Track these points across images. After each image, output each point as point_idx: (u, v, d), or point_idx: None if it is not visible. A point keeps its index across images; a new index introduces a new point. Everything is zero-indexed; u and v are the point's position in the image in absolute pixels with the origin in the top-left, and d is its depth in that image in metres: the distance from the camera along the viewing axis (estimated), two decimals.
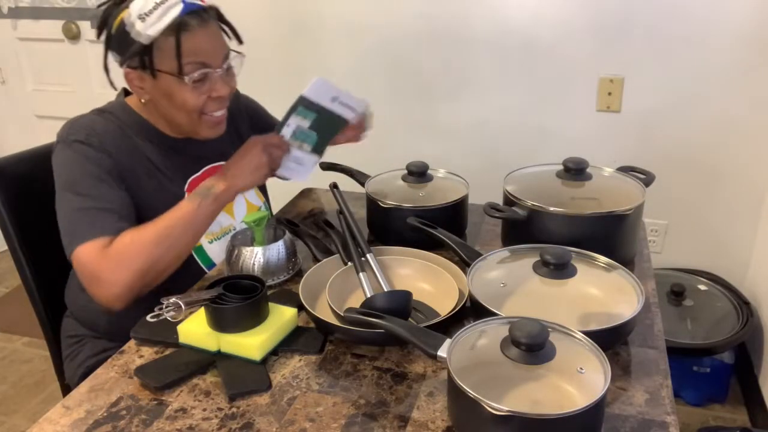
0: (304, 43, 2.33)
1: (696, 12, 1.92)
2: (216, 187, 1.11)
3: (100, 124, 1.16)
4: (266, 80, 1.43)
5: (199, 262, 1.24)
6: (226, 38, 1.17)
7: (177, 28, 1.07)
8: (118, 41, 1.10)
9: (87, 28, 2.64)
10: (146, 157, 1.19)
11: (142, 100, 1.18)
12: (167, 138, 1.22)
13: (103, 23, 1.12)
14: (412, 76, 2.27)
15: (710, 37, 1.94)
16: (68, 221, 1.09)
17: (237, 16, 1.21)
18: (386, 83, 2.30)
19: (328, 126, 1.23)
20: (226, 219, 1.28)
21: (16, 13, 2.75)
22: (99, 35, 1.14)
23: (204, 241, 1.24)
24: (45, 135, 1.15)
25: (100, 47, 1.15)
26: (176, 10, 1.06)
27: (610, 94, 2.08)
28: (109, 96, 1.28)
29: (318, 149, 1.27)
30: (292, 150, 1.22)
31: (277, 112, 1.50)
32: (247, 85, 1.41)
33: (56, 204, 1.11)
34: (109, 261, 1.04)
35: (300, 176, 1.27)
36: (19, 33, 2.80)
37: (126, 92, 1.25)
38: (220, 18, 1.16)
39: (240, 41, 1.19)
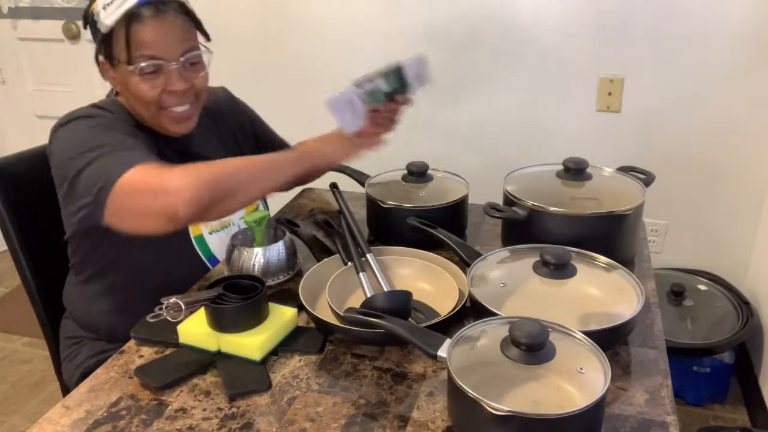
0: (301, 44, 2.33)
1: (696, 12, 1.92)
2: (304, 147, 1.17)
3: (99, 111, 1.15)
4: (256, 80, 1.43)
5: (200, 252, 1.24)
6: (197, 35, 1.16)
7: (129, 18, 1.06)
8: (92, 31, 1.13)
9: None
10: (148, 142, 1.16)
11: (116, 91, 1.19)
12: (155, 133, 1.20)
13: (85, 14, 1.14)
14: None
15: (710, 37, 1.94)
16: (96, 170, 1.00)
17: (227, 15, 1.21)
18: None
19: (395, 95, 1.22)
20: None
21: (16, 13, 2.75)
22: (85, 26, 1.16)
23: (204, 231, 1.24)
24: (45, 135, 1.15)
25: None
26: (133, 1, 1.06)
27: (610, 94, 2.08)
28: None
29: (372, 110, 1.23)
30: (357, 98, 1.17)
31: (267, 111, 1.51)
32: (238, 85, 1.41)
33: (72, 176, 1.03)
34: (173, 171, 0.96)
35: (349, 126, 1.19)
36: (19, 33, 2.79)
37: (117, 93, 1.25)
38: (185, 11, 1.13)
39: (207, 38, 1.18)
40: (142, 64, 1.08)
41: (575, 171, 1.21)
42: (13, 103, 2.95)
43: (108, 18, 1.07)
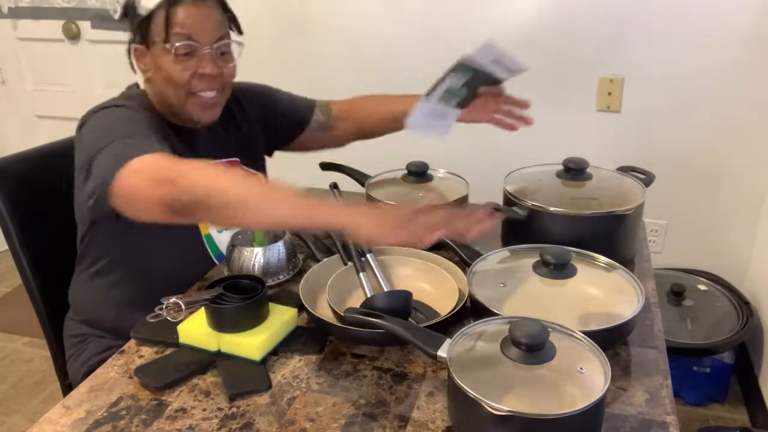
0: (301, 43, 2.33)
1: (696, 12, 1.92)
2: (327, 208, 0.90)
3: (128, 102, 1.17)
4: (262, 79, 1.42)
5: (209, 250, 1.25)
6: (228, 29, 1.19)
7: (170, 0, 1.11)
8: (129, 18, 1.16)
9: (87, 28, 2.64)
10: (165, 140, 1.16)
11: (144, 78, 1.20)
12: (176, 127, 1.22)
13: (125, 5, 1.17)
14: (412, 75, 2.26)
15: (710, 37, 1.94)
16: (116, 149, 0.99)
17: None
18: (386, 83, 2.29)
19: (480, 83, 1.19)
20: None
21: (16, 13, 2.75)
22: (123, 17, 1.19)
23: (213, 230, 1.25)
24: (45, 135, 1.15)
25: (100, 47, 1.17)
26: None
27: (610, 94, 2.08)
28: (110, 96, 1.27)
29: (464, 104, 1.21)
30: (435, 104, 1.15)
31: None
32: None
33: (91, 156, 1.02)
34: (181, 166, 0.93)
35: (441, 131, 1.18)
36: (19, 33, 2.79)
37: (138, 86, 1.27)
38: (222, 4, 1.18)
39: (239, 32, 1.22)
40: (178, 44, 1.12)
41: (575, 171, 1.21)
42: (13, 103, 2.95)
43: (150, 2, 1.11)
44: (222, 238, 1.26)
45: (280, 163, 1.57)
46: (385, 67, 2.28)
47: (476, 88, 1.18)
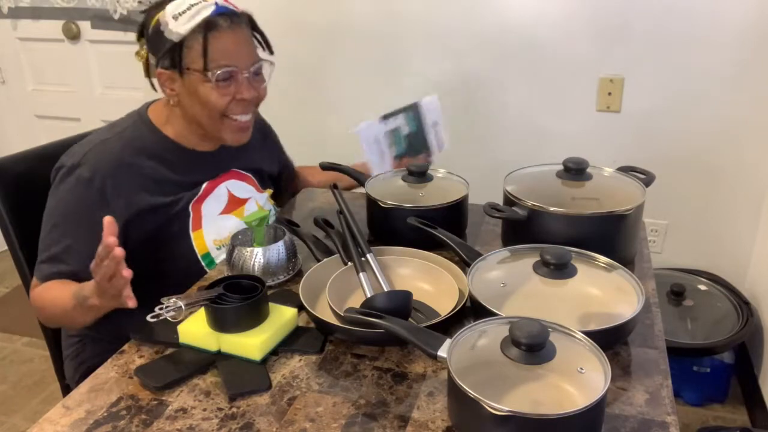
0: (303, 44, 2.33)
1: (696, 12, 1.92)
2: (90, 299, 1.03)
3: (106, 148, 1.18)
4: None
5: (207, 268, 1.24)
6: (258, 48, 1.21)
7: (206, 26, 1.11)
8: (154, 41, 1.15)
9: (87, 28, 2.64)
10: (146, 174, 1.19)
11: (171, 102, 1.20)
12: (187, 150, 1.24)
13: (142, 27, 1.17)
14: (411, 75, 2.27)
15: (710, 37, 1.94)
16: (39, 250, 1.17)
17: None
18: (386, 83, 2.30)
19: (413, 146, 1.29)
20: (235, 224, 1.27)
21: (16, 13, 2.75)
22: (139, 39, 1.20)
23: (212, 248, 1.25)
24: (45, 135, 1.16)
25: (100, 47, 1.18)
26: (208, 11, 1.12)
27: (610, 94, 2.08)
28: (110, 96, 1.28)
29: (400, 158, 1.32)
30: (382, 136, 1.24)
31: (284, 114, 1.52)
32: None
33: (43, 219, 1.18)
34: (32, 297, 1.17)
35: (376, 167, 1.33)
36: (19, 33, 2.79)
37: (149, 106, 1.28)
38: (253, 26, 1.19)
39: (270, 51, 1.23)
40: (219, 72, 1.12)
41: (575, 171, 1.21)
42: (13, 103, 2.95)
43: (181, 27, 1.11)
44: (222, 255, 1.25)
45: None
46: (386, 67, 2.28)
47: (412, 150, 1.29)
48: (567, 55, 2.08)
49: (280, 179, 1.52)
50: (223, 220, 1.27)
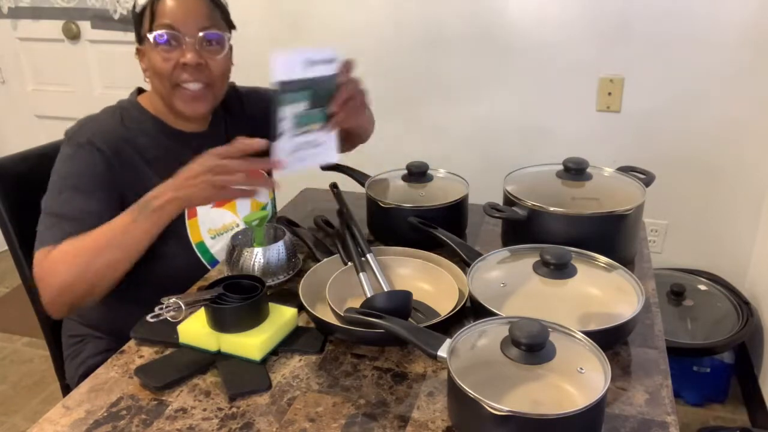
0: (306, 44, 2.33)
1: (696, 12, 1.92)
2: (158, 198, 1.03)
3: (105, 122, 1.19)
4: (265, 82, 1.42)
5: (201, 258, 1.25)
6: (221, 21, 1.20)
7: None
8: (133, 21, 1.19)
9: (87, 28, 2.64)
10: (148, 150, 1.20)
11: (146, 79, 1.22)
12: (173, 130, 1.25)
13: (133, 10, 1.20)
14: (412, 76, 2.27)
15: (710, 37, 1.94)
16: (41, 220, 1.11)
17: (237, 17, 1.22)
18: (386, 83, 2.30)
19: (323, 93, 1.04)
20: (229, 216, 1.28)
21: (16, 13, 2.75)
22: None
23: (206, 237, 1.25)
24: (45, 135, 1.16)
25: (100, 47, 1.18)
26: None
27: (610, 94, 2.08)
28: (110, 96, 1.28)
29: (326, 120, 1.05)
30: (295, 138, 1.01)
31: None
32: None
33: (46, 191, 1.13)
34: (45, 268, 1.05)
35: (327, 157, 1.08)
36: (19, 33, 2.80)
37: (139, 91, 1.29)
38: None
39: (230, 26, 1.23)
40: (158, 32, 1.14)
41: (575, 171, 1.21)
42: (13, 103, 2.95)
43: None
44: (216, 245, 1.26)
45: None
46: (385, 67, 2.28)
47: (323, 100, 1.04)
48: (567, 55, 2.08)
49: None
50: (216, 213, 1.27)
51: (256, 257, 1.12)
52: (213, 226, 1.25)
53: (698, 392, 1.96)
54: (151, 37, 1.14)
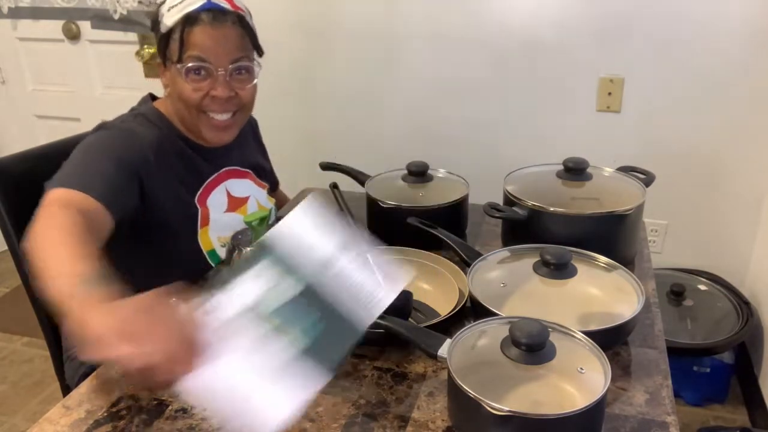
0: (305, 45, 2.33)
1: (696, 12, 1.92)
2: (76, 306, 0.71)
3: (141, 127, 1.18)
4: (265, 82, 1.42)
5: (213, 265, 1.25)
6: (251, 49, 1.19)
7: (187, 19, 1.11)
8: (155, 33, 1.18)
9: (87, 28, 2.64)
10: (171, 165, 1.19)
11: (166, 93, 1.22)
12: (190, 142, 1.24)
13: (153, 19, 1.19)
14: (412, 75, 2.27)
15: (710, 37, 1.94)
16: (65, 165, 1.05)
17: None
18: (386, 83, 2.30)
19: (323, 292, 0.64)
20: (239, 222, 1.27)
21: (16, 13, 2.75)
22: (152, 29, 1.20)
23: (217, 245, 1.25)
24: (45, 135, 1.16)
25: (100, 47, 1.18)
26: (196, 5, 1.11)
27: (610, 94, 2.08)
28: (110, 96, 1.28)
29: (328, 356, 0.65)
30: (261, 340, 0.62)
31: (270, 118, 1.51)
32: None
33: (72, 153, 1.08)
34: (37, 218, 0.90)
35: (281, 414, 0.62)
36: (19, 33, 2.79)
37: (152, 98, 1.28)
38: (243, 24, 1.16)
39: (260, 52, 1.22)
40: (190, 64, 1.12)
41: (575, 171, 1.21)
42: (13, 103, 2.94)
43: (169, 19, 1.12)
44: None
45: (280, 163, 1.57)
46: (385, 66, 2.28)
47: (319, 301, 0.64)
48: (567, 55, 2.08)
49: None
50: (228, 218, 1.27)
51: None
52: (222, 234, 1.25)
53: (698, 392, 1.96)
54: (181, 67, 1.13)
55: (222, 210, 1.27)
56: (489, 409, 0.70)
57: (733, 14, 1.89)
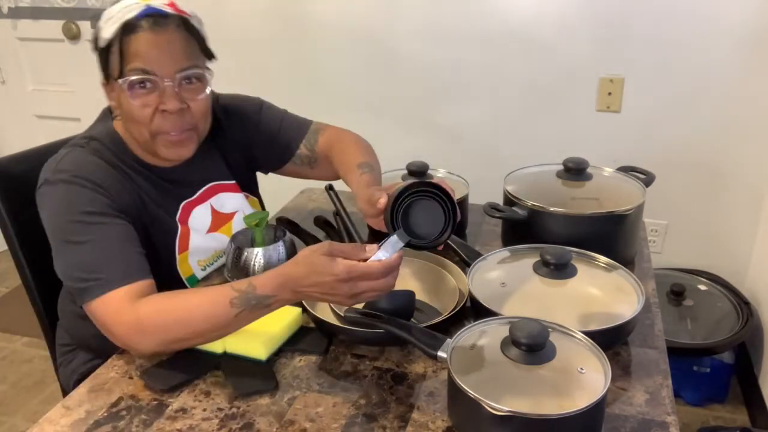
0: (302, 43, 2.33)
1: (696, 12, 1.92)
2: (275, 300, 0.89)
3: (86, 160, 1.06)
4: (264, 81, 1.42)
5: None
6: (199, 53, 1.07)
7: (125, 28, 1.00)
8: (95, 50, 1.07)
9: (87, 28, 2.64)
10: (137, 189, 1.10)
11: (116, 116, 1.11)
12: (151, 167, 1.13)
13: (93, 37, 1.08)
14: (412, 75, 2.27)
15: (710, 37, 1.94)
16: (71, 276, 0.98)
17: (234, 17, 1.21)
18: (386, 83, 2.30)
19: None
20: (220, 244, 1.21)
21: (16, 13, 2.75)
22: (93, 49, 1.09)
23: (197, 269, 1.19)
24: (45, 135, 1.15)
25: None
26: (134, 13, 1.00)
27: (610, 94, 2.08)
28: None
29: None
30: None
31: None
32: (246, 86, 1.41)
33: (53, 256, 1.01)
34: (132, 328, 0.92)
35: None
36: (19, 33, 2.79)
37: (111, 111, 1.16)
38: (188, 28, 1.04)
39: (209, 57, 1.10)
40: (132, 78, 1.01)
41: (575, 171, 1.21)
42: (13, 103, 2.94)
43: (107, 31, 1.01)
44: (206, 274, 1.21)
45: None
46: (385, 66, 2.28)
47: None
48: (567, 55, 2.08)
49: (282, 164, 1.34)
50: (210, 240, 1.20)
51: (257, 257, 1.12)
52: (202, 257, 1.19)
53: (698, 392, 1.96)
54: (123, 82, 1.01)
55: (204, 230, 1.19)
56: (489, 409, 0.70)
57: (732, 14, 1.90)
